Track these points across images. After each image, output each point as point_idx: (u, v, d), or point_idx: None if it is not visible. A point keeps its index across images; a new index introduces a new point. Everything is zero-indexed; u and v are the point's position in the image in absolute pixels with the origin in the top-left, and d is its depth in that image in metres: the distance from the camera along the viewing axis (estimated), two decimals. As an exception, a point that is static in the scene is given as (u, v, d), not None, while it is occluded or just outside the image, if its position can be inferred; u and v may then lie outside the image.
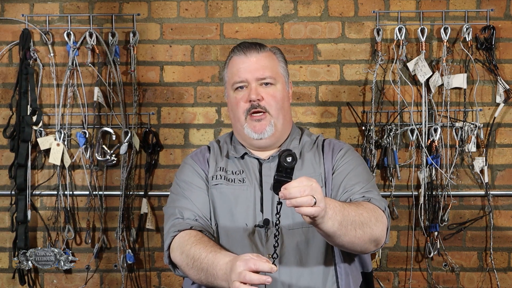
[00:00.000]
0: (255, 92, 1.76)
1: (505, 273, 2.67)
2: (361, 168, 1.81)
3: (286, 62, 1.88)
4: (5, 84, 2.70)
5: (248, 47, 1.81)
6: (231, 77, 1.82)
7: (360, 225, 1.56)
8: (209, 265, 1.56)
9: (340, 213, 1.50)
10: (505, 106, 2.63)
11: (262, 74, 1.78)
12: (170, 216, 1.76)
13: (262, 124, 1.77)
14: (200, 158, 1.86)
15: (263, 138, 1.78)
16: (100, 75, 2.66)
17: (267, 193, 1.74)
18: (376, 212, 1.64)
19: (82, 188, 2.69)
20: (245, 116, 1.78)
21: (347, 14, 2.65)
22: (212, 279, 1.56)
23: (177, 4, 2.67)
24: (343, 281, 1.71)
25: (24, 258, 2.62)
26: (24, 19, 2.67)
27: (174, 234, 1.70)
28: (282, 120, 1.80)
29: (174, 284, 2.70)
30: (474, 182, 2.66)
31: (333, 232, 1.50)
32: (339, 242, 1.56)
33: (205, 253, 1.58)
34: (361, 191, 1.71)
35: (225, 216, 1.75)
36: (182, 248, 1.65)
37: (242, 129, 1.80)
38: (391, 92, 2.65)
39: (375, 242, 1.64)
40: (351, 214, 1.55)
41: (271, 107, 1.77)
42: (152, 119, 2.68)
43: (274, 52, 1.85)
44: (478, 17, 2.63)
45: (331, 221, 1.47)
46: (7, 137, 2.66)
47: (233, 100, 1.81)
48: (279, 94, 1.79)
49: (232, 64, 1.82)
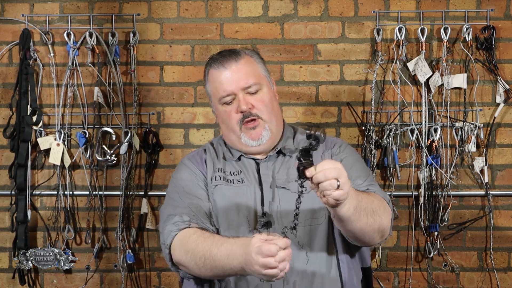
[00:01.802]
0: (244, 102, 1.76)
1: (505, 273, 2.67)
2: (359, 163, 1.84)
3: (264, 62, 1.87)
4: (5, 84, 2.70)
5: (225, 58, 1.79)
6: (215, 92, 1.81)
7: (371, 212, 1.59)
8: (224, 258, 1.54)
9: (355, 198, 1.52)
10: (505, 106, 2.63)
11: (246, 82, 1.77)
12: (167, 216, 1.75)
13: (257, 131, 1.77)
14: (198, 159, 1.86)
15: (261, 144, 1.78)
16: (100, 75, 2.66)
17: (267, 192, 1.75)
18: (383, 202, 1.67)
19: (82, 188, 2.69)
20: (239, 126, 1.78)
21: (347, 14, 2.65)
22: (230, 271, 1.56)
23: (177, 4, 2.67)
24: (346, 275, 1.73)
25: (24, 258, 2.62)
26: (24, 19, 2.67)
27: (174, 234, 1.69)
28: (276, 121, 1.81)
29: (174, 284, 2.70)
30: (474, 182, 2.66)
31: (348, 217, 1.52)
32: (351, 228, 1.58)
33: (216, 248, 1.57)
34: (365, 184, 1.73)
35: (227, 216, 1.75)
36: (186, 247, 1.64)
37: (238, 139, 1.79)
38: (391, 92, 2.65)
39: (382, 233, 1.66)
40: (364, 200, 1.57)
41: (263, 112, 1.78)
42: (152, 119, 2.68)
43: (251, 54, 1.84)
44: (478, 17, 2.63)
45: (348, 205, 1.49)
46: (7, 137, 2.66)
47: (224, 114, 1.80)
48: (267, 97, 1.80)
49: (212, 78, 1.81)
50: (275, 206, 1.73)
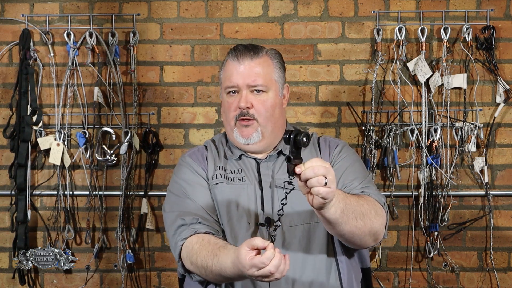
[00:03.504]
0: (244, 100, 1.78)
1: (505, 273, 2.67)
2: (358, 164, 1.85)
3: (283, 66, 1.87)
4: (5, 84, 2.70)
5: (243, 52, 1.80)
6: (224, 80, 1.84)
7: (361, 215, 1.59)
8: (219, 268, 1.58)
9: (342, 201, 1.53)
10: (505, 106, 2.63)
11: (253, 81, 1.79)
12: (172, 223, 1.75)
13: (248, 130, 1.80)
14: (199, 156, 1.87)
15: (250, 143, 1.81)
16: (100, 75, 2.66)
17: (267, 191, 1.77)
18: (376, 205, 1.68)
19: (82, 188, 2.69)
20: (234, 121, 1.81)
21: (347, 14, 2.65)
22: (229, 279, 1.61)
23: (177, 4, 2.67)
24: (345, 275, 1.74)
25: (24, 258, 2.62)
26: (24, 19, 2.67)
27: (181, 244, 1.71)
28: (271, 128, 1.82)
29: (174, 284, 2.70)
30: (474, 182, 2.66)
31: (335, 219, 1.53)
32: (339, 231, 1.59)
33: (210, 261, 1.60)
34: (360, 187, 1.74)
35: (228, 215, 1.76)
36: (190, 258, 1.67)
37: (231, 133, 1.83)
38: (391, 92, 2.65)
39: (374, 236, 1.67)
40: (353, 203, 1.58)
41: (260, 115, 1.79)
42: (152, 119, 2.68)
43: (271, 56, 1.84)
44: (478, 17, 2.63)
45: (334, 208, 1.50)
46: (7, 137, 2.66)
47: (225, 104, 1.84)
48: (270, 102, 1.80)
49: (226, 67, 1.84)
50: (275, 206, 1.74)
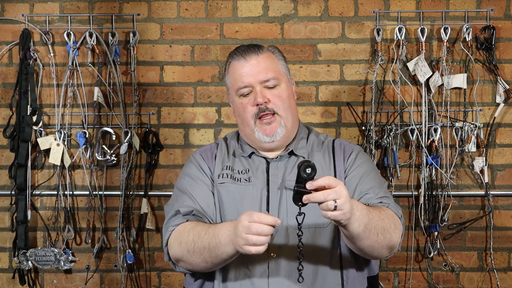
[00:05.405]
0: (261, 95, 1.75)
1: (505, 273, 2.67)
2: (374, 171, 1.81)
3: (285, 60, 1.87)
4: (5, 84, 2.70)
5: (247, 50, 1.79)
6: (234, 83, 1.80)
7: (382, 230, 1.58)
8: (211, 237, 1.57)
9: (366, 216, 1.52)
10: (505, 106, 2.63)
11: (265, 76, 1.76)
12: (168, 213, 1.77)
13: (272, 126, 1.76)
14: (209, 154, 1.85)
15: (275, 140, 1.77)
16: (100, 75, 2.66)
17: (274, 192, 1.73)
18: (395, 219, 1.66)
19: (82, 188, 2.69)
20: (254, 120, 1.76)
21: (347, 14, 2.65)
22: (216, 250, 1.57)
23: (177, 4, 2.67)
24: (349, 284, 1.71)
25: (24, 258, 2.62)
26: (24, 19, 2.67)
27: (172, 229, 1.70)
28: (291, 118, 1.80)
29: (174, 284, 2.70)
30: (474, 182, 2.66)
31: (358, 234, 1.52)
32: (360, 245, 1.58)
33: (204, 231, 1.60)
34: (377, 197, 1.71)
35: (232, 215, 1.73)
36: (180, 239, 1.65)
37: (252, 133, 1.78)
38: (391, 92, 2.65)
39: (391, 249, 1.66)
40: (375, 218, 1.56)
41: (279, 108, 1.76)
42: (152, 119, 2.68)
43: (273, 51, 1.84)
44: (478, 17, 2.63)
45: (357, 223, 1.49)
46: (7, 137, 2.66)
47: (240, 106, 1.79)
48: (285, 93, 1.78)
49: (232, 69, 1.81)
50: (282, 208, 1.71)
